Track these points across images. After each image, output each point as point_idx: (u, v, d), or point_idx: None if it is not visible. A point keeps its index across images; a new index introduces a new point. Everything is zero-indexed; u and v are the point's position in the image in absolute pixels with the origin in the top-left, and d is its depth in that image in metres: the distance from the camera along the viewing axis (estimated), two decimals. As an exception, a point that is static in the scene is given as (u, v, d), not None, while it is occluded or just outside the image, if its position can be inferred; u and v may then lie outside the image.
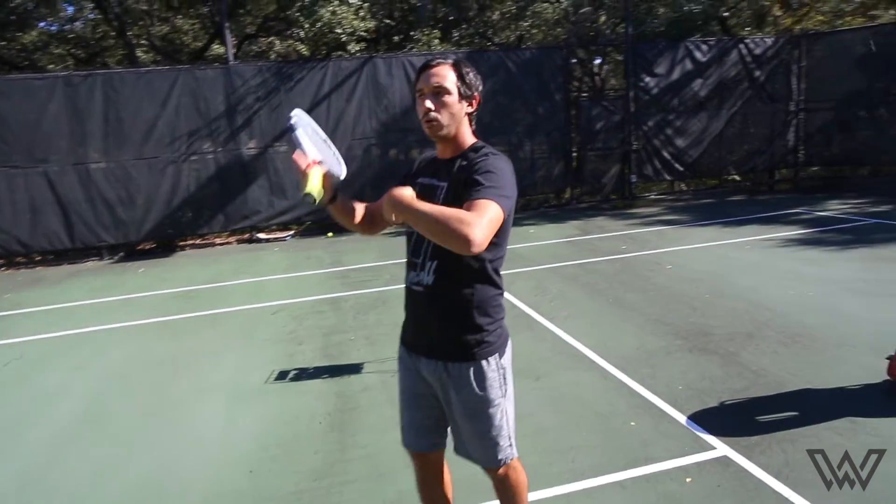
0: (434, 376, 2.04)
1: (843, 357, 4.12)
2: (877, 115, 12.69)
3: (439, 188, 1.97)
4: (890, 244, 7.09)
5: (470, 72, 1.98)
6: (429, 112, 1.92)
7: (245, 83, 10.37)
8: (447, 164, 2.00)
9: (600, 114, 12.12)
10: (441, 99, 1.92)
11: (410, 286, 2.05)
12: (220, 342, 5.46)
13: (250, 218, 10.57)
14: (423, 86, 1.94)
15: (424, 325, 2.04)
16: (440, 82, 1.91)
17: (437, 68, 1.94)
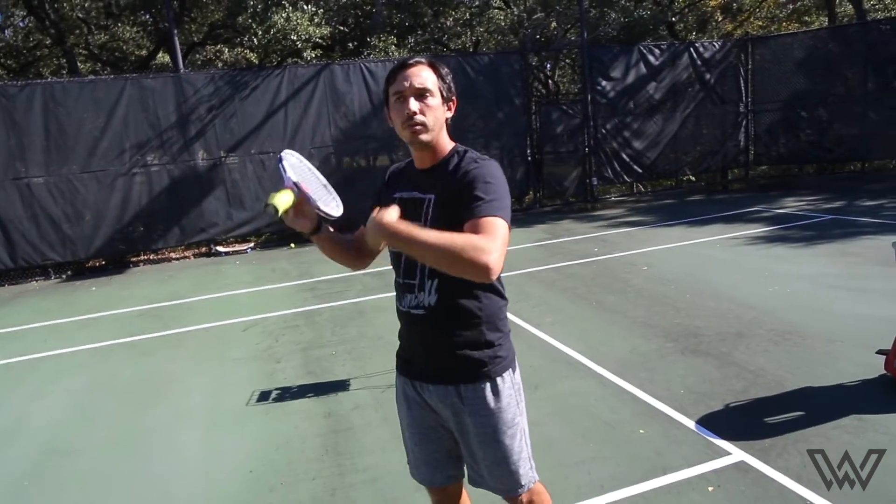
0: (444, 403, 1.85)
1: (835, 353, 4.16)
2: (817, 116, 13.23)
3: (425, 201, 1.79)
4: (850, 239, 7.31)
5: (447, 73, 1.84)
6: (415, 115, 1.73)
7: (197, 92, 9.96)
8: (429, 174, 1.83)
9: (560, 118, 12.20)
10: (425, 101, 1.75)
11: (409, 311, 1.83)
12: (190, 363, 5.13)
13: (207, 231, 10.14)
14: (402, 87, 1.75)
15: (430, 350, 1.84)
16: (423, 83, 1.75)
17: (415, 68, 1.76)
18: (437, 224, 1.72)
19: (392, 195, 1.89)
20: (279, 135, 10.42)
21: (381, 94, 1.88)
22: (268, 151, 10.37)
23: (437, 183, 1.79)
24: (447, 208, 1.74)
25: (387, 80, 1.81)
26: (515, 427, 1.85)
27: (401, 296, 1.88)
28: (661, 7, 14.55)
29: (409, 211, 1.78)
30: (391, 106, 1.80)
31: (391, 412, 3.93)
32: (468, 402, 1.81)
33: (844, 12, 18.33)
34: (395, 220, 1.58)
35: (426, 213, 1.78)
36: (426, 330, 1.83)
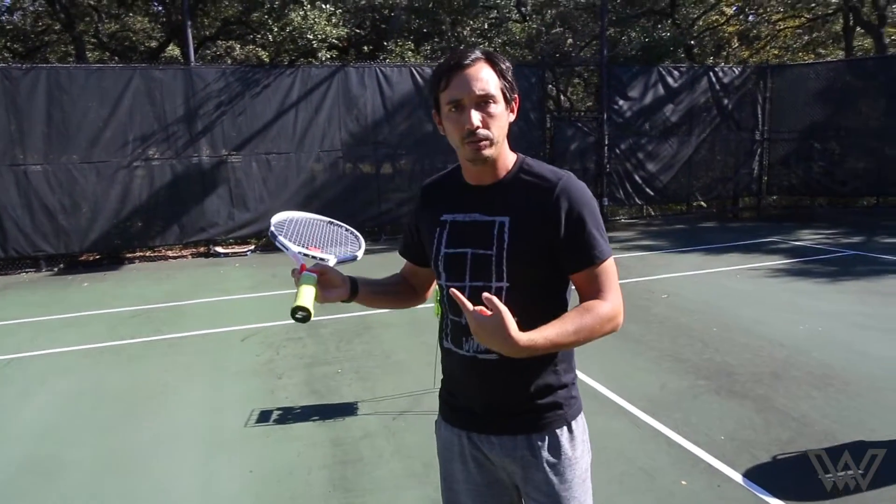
0: (512, 457, 1.56)
1: (883, 402, 3.86)
2: (831, 148, 13.04)
3: (495, 225, 1.49)
4: (877, 277, 7.04)
5: (508, 67, 1.49)
6: (478, 129, 1.42)
7: (207, 87, 9.68)
8: (493, 192, 1.52)
9: (574, 135, 11.96)
10: (488, 110, 1.43)
11: (475, 356, 1.52)
12: (185, 373, 4.80)
13: (207, 230, 9.83)
14: (460, 94, 1.42)
15: (499, 399, 1.55)
16: (485, 89, 1.42)
17: (474, 68, 1.42)
18: (517, 252, 1.46)
19: (439, 218, 1.58)
20: (288, 135, 10.13)
21: (429, 98, 1.53)
22: (275, 152, 10.07)
23: (509, 203, 1.50)
24: (529, 234, 1.46)
25: (435, 82, 1.47)
26: (588, 479, 1.60)
27: (459, 339, 1.55)
28: (680, 29, 14.37)
29: (467, 237, 1.52)
30: (445, 115, 1.47)
31: (404, 444, 3.63)
32: (542, 453, 1.54)
33: (861, 46, 18.23)
34: (529, 338, 1.30)
35: (500, 240, 1.48)
36: (497, 377, 1.52)
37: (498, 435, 1.56)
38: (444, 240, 1.55)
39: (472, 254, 1.50)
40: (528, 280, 1.47)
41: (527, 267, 1.47)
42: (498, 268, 1.47)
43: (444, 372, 1.68)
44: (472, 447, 1.61)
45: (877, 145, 12.55)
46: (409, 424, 3.79)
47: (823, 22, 18.22)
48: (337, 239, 1.80)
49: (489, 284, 1.47)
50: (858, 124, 12.91)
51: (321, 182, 10.49)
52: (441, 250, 1.55)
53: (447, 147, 1.59)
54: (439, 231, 1.57)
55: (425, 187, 1.68)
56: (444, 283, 1.55)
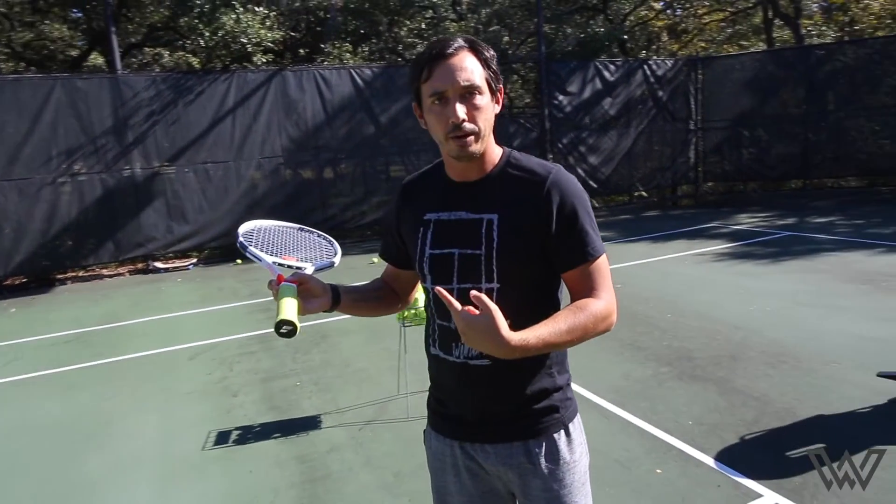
0: (508, 465, 1.48)
1: (836, 376, 3.98)
2: (759, 135, 13.62)
3: (482, 223, 1.41)
4: (814, 255, 7.34)
5: (492, 55, 1.41)
6: (463, 123, 1.33)
7: (136, 95, 9.24)
8: (479, 188, 1.43)
9: (517, 131, 12.04)
10: (473, 101, 1.34)
11: (466, 362, 1.44)
12: (131, 399, 4.52)
13: (145, 246, 9.38)
14: (444, 85, 1.32)
15: (493, 406, 1.47)
16: (470, 79, 1.32)
17: (457, 58, 1.33)
18: (507, 251, 1.38)
19: (422, 217, 1.49)
20: (226, 143, 9.79)
21: (409, 89, 1.43)
22: (213, 161, 9.71)
23: (497, 199, 1.41)
24: (520, 232, 1.39)
25: (416, 72, 1.36)
26: (586, 476, 1.54)
27: (448, 345, 1.46)
28: (613, 24, 14.69)
29: (454, 236, 1.43)
30: (427, 108, 1.37)
31: (373, 454, 3.51)
32: (539, 460, 1.46)
33: (780, 37, 19.10)
34: (522, 338, 1.21)
35: (488, 238, 1.39)
36: (490, 383, 1.44)
37: (492, 443, 1.48)
38: (428, 240, 1.46)
39: (460, 254, 1.42)
40: (519, 280, 1.40)
41: (518, 266, 1.39)
42: (487, 268, 1.39)
43: (431, 380, 1.58)
44: (465, 457, 1.52)
45: (800, 131, 13.17)
46: (377, 434, 3.66)
47: (745, 15, 19.01)
48: (310, 245, 1.68)
49: (479, 286, 1.39)
50: (782, 112, 13.52)
51: (263, 190, 10.18)
52: (426, 251, 1.46)
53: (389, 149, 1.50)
54: (423, 231, 1.47)
55: (406, 185, 1.58)
56: (430, 285, 1.46)
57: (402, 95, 10.93)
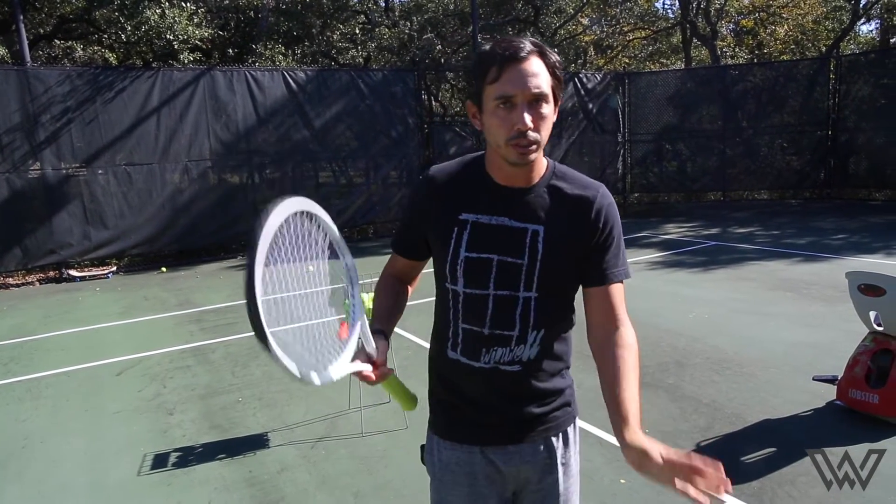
0: (531, 462, 1.48)
1: (777, 381, 4.15)
2: (678, 149, 14.31)
3: (527, 233, 1.38)
4: (740, 264, 7.71)
5: (559, 62, 1.35)
6: (529, 132, 1.28)
7: (48, 91, 8.59)
8: (526, 197, 1.39)
9: (453, 138, 12.06)
10: (539, 110, 1.29)
11: (496, 367, 1.42)
12: (49, 420, 4.12)
13: (58, 252, 8.72)
14: (514, 90, 1.26)
15: (518, 407, 1.46)
16: (541, 86, 1.28)
17: (530, 63, 1.27)
18: (551, 263, 1.38)
19: (457, 216, 1.41)
20: (149, 145, 9.26)
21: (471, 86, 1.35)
22: (136, 163, 9.15)
23: (542, 210, 1.39)
24: (565, 246, 1.39)
25: (481, 71, 1.30)
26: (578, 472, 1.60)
27: (477, 350, 1.42)
28: (544, 38, 15.03)
29: (494, 242, 1.38)
30: (490, 110, 1.30)
31: (328, 474, 3.33)
32: (557, 453, 1.50)
33: (698, 56, 20.18)
34: (640, 434, 1.25)
35: (533, 249, 1.37)
36: (517, 387, 1.44)
37: (516, 444, 1.47)
38: (463, 242, 1.39)
39: (499, 260, 1.38)
40: (556, 290, 1.42)
41: (558, 278, 1.40)
42: (528, 277, 1.38)
43: (442, 386, 1.51)
44: (485, 462, 1.47)
45: (718, 146, 13.93)
46: (330, 452, 3.49)
47: (665, 34, 19.96)
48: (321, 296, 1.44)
49: (516, 294, 1.38)
50: (701, 127, 14.26)
51: (189, 195, 9.69)
52: (460, 253, 1.39)
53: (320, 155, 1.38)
54: (458, 231, 1.40)
55: (435, 177, 1.45)
56: (462, 289, 1.40)
57: (336, 100, 10.71)
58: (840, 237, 9.17)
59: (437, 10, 14.65)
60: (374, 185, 11.27)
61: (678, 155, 14.38)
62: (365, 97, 10.88)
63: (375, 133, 11.11)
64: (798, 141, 13.63)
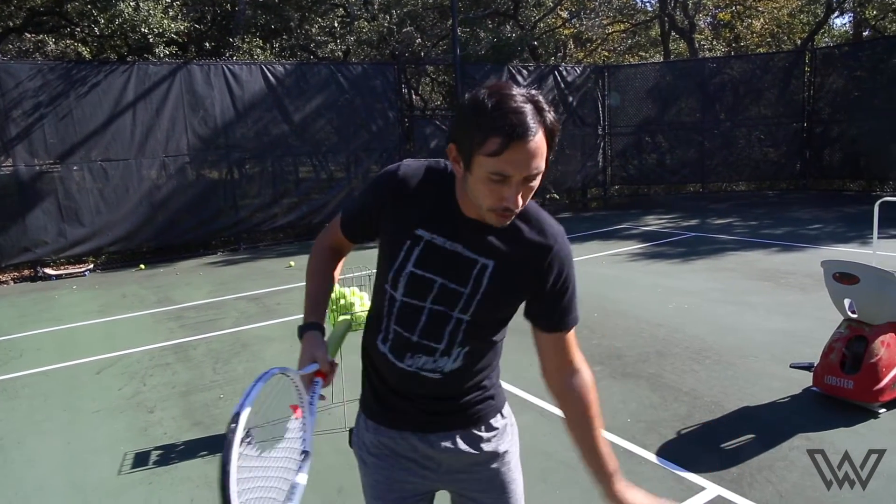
0: (451, 453, 1.51)
1: (755, 370, 4.21)
2: (658, 142, 14.43)
3: (477, 265, 1.36)
4: (718, 255, 7.81)
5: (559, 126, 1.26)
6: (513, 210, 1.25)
7: (19, 85, 8.42)
8: (483, 230, 1.35)
9: (434, 132, 12.03)
10: (531, 185, 1.25)
11: (418, 371, 1.44)
12: (27, 420, 4.05)
13: (33, 251, 8.56)
14: (513, 171, 1.20)
15: (437, 404, 1.50)
16: (539, 167, 1.22)
17: (535, 142, 1.18)
18: (490, 297, 1.37)
19: (414, 231, 1.37)
20: (125, 140, 9.11)
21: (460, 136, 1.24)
22: (111, 159, 9.00)
23: (496, 247, 1.37)
24: (510, 283, 1.38)
25: (482, 137, 1.18)
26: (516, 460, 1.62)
27: (403, 353, 1.43)
28: (524, 31, 15.03)
29: (442, 266, 1.36)
30: (479, 176, 1.22)
31: (312, 469, 3.30)
32: (482, 443, 1.53)
33: (676, 49, 20.32)
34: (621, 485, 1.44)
35: (477, 282, 1.36)
36: (437, 388, 1.47)
37: (436, 433, 1.50)
38: (413, 256, 1.37)
39: (442, 283, 1.37)
40: (489, 318, 1.43)
41: (494, 309, 1.42)
42: (466, 304, 1.38)
43: (373, 371, 1.53)
44: (407, 448, 1.51)
45: (696, 138, 14.06)
46: (314, 448, 3.47)
47: (644, 27, 20.07)
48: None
49: (451, 313, 1.39)
50: (680, 119, 14.39)
51: (167, 191, 9.56)
52: (407, 266, 1.38)
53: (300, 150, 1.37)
54: (409, 244, 1.37)
55: (402, 179, 1.40)
56: (400, 297, 1.41)
57: (315, 94, 10.62)
58: (816, 227, 9.33)
59: (417, 3, 14.57)
60: (354, 179, 11.21)
61: (658, 147, 14.49)
62: (345, 91, 10.81)
63: (356, 127, 11.05)
64: (775, 133, 13.81)
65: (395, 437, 1.51)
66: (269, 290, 7.18)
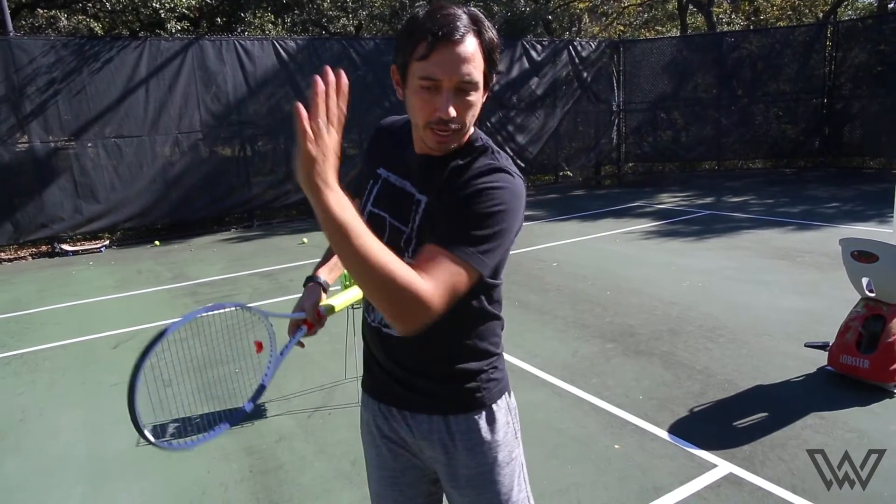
0: (430, 439, 1.45)
1: (769, 348, 4.19)
2: (673, 118, 14.21)
3: (414, 201, 1.33)
4: (733, 233, 7.73)
5: (498, 43, 1.26)
6: (451, 122, 1.21)
7: (33, 61, 8.42)
8: (427, 165, 1.32)
9: (446, 109, 11.93)
10: (465, 97, 1.21)
11: (380, 327, 1.44)
12: (47, 393, 4.13)
13: (50, 227, 8.64)
14: (441, 75, 1.18)
15: (410, 375, 1.44)
16: (471, 74, 1.19)
17: (464, 45, 1.18)
18: (421, 237, 1.32)
19: (376, 170, 1.45)
20: (139, 117, 9.12)
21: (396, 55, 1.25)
22: (125, 135, 9.03)
23: (433, 182, 1.31)
24: (431, 223, 1.30)
25: (410, 45, 1.19)
26: (514, 462, 1.49)
27: (369, 306, 1.47)
28: (538, 5, 14.78)
29: (391, 202, 1.38)
30: (413, 88, 1.22)
31: (326, 442, 3.37)
32: (459, 436, 1.43)
33: (693, 23, 19.92)
34: (331, 191, 1.01)
35: (412, 219, 1.34)
36: (403, 352, 1.42)
37: (413, 412, 1.45)
38: (372, 195, 1.43)
39: (390, 222, 1.38)
40: None
41: None
42: (407, 245, 1.34)
43: (363, 340, 1.57)
44: (387, 426, 1.50)
45: (713, 114, 13.83)
46: (327, 421, 3.52)
47: (662, 1, 19.66)
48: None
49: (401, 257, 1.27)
50: (696, 95, 14.15)
51: (181, 167, 9.59)
52: (367, 206, 1.43)
53: None
54: (372, 183, 1.44)
55: (379, 128, 1.52)
56: None
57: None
58: (833, 205, 9.20)
59: (430, -24, 14.39)
60: (367, 156, 11.18)
61: (673, 124, 14.28)
62: (357, 67, 10.72)
63: (368, 104, 10.97)
64: (793, 109, 13.55)
65: (377, 414, 1.50)
66: (282, 266, 7.22)
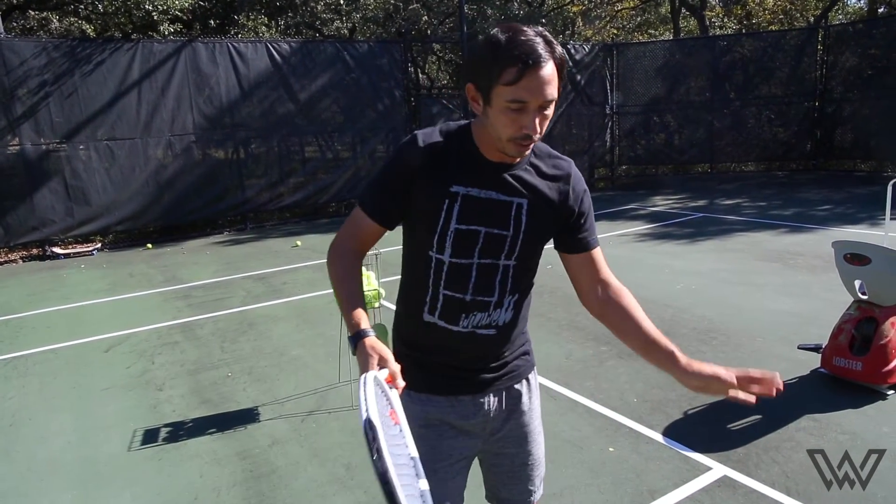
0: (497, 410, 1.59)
1: (762, 350, 4.20)
2: (666, 121, 14.26)
3: (513, 206, 1.46)
4: (726, 236, 7.76)
5: (566, 60, 1.47)
6: (532, 137, 1.35)
7: (24, 63, 8.36)
8: (511, 172, 1.46)
9: (440, 111, 11.94)
10: (545, 113, 1.35)
11: (473, 331, 1.50)
12: (37, 397, 4.10)
13: (41, 230, 8.58)
14: (529, 97, 1.29)
15: (488, 363, 1.56)
16: (553, 94, 1.32)
17: (547, 69, 1.29)
18: (532, 234, 1.48)
19: (449, 189, 1.43)
20: (131, 119, 9.08)
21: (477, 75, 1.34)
22: (118, 138, 8.98)
23: (525, 185, 1.48)
24: (544, 217, 1.49)
25: (498, 70, 1.28)
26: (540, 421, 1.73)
27: (457, 315, 1.49)
28: (532, 8, 14.83)
29: (483, 215, 1.44)
30: (499, 107, 1.32)
31: (319, 447, 3.35)
32: (522, 399, 1.64)
33: (686, 27, 20.02)
34: (728, 375, 1.36)
35: (517, 221, 1.46)
36: (490, 348, 1.55)
37: (484, 394, 1.56)
38: (454, 214, 1.44)
39: (486, 232, 1.45)
40: (529, 256, 1.52)
41: (536, 246, 1.52)
42: (511, 247, 1.47)
43: (411, 346, 1.56)
44: (455, 416, 1.55)
45: (705, 117, 13.89)
46: (321, 425, 3.50)
47: (654, 4, 19.75)
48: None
49: (497, 262, 1.47)
50: (689, 98, 14.20)
51: (174, 170, 9.55)
52: (451, 225, 1.44)
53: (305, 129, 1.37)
54: (448, 203, 1.43)
55: (428, 147, 1.44)
56: (448, 258, 1.45)
57: (321, 72, 10.54)
58: (825, 208, 9.25)
59: (423, -21, 14.39)
60: (361, 159, 11.17)
61: (666, 127, 14.33)
62: (351, 70, 10.71)
63: (362, 106, 10.97)
64: (785, 112, 13.63)
65: (443, 405, 1.54)
66: (275, 269, 7.19)
